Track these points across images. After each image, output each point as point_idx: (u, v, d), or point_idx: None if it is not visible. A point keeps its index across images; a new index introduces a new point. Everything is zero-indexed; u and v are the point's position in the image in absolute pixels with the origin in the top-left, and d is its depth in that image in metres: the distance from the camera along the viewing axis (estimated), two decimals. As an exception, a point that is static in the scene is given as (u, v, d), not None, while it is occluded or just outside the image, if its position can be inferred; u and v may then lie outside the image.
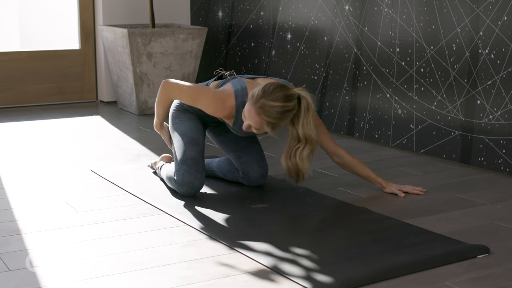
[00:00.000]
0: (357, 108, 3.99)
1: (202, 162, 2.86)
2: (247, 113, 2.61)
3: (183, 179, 2.83)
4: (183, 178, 2.83)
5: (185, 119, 2.94)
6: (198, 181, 2.84)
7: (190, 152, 2.85)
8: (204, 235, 2.45)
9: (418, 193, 2.94)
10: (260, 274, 2.10)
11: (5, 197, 2.88)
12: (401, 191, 2.93)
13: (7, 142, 3.91)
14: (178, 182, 2.85)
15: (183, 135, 2.89)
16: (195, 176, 2.83)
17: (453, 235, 2.43)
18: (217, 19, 5.11)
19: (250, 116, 2.60)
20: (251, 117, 2.60)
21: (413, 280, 2.07)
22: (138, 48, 4.58)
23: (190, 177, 2.82)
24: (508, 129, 3.20)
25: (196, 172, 2.83)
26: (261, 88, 2.59)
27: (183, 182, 2.83)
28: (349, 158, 2.94)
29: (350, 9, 3.97)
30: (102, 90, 5.23)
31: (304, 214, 2.72)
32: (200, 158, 2.86)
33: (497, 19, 3.19)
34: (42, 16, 5.74)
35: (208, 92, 2.76)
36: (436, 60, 3.50)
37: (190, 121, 2.94)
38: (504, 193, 2.96)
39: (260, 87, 2.61)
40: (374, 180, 2.97)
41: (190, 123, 2.93)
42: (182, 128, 2.91)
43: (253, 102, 2.58)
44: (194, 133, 2.90)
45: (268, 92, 2.57)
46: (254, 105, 2.57)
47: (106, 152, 3.69)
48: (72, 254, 2.25)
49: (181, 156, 2.85)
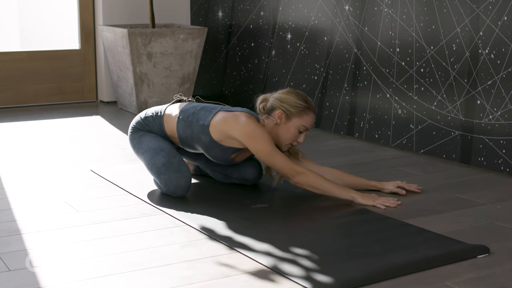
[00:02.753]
0: (357, 108, 3.99)
1: (175, 161, 2.84)
2: (312, 119, 2.86)
3: (169, 187, 2.83)
4: (168, 186, 2.83)
5: (139, 137, 2.94)
6: (183, 179, 2.82)
7: (159, 160, 2.84)
8: (204, 235, 2.45)
9: (414, 190, 2.93)
10: (260, 274, 2.10)
11: (5, 197, 2.88)
12: (399, 188, 2.92)
13: (7, 142, 3.91)
14: (167, 192, 2.85)
15: (145, 152, 2.89)
16: (176, 178, 2.81)
17: (453, 235, 2.43)
18: (217, 19, 5.11)
19: (311, 121, 2.88)
20: (311, 121, 2.88)
21: (413, 280, 2.07)
22: (138, 48, 4.58)
23: (173, 182, 2.82)
24: (508, 129, 3.20)
25: (175, 173, 2.82)
26: (297, 96, 2.86)
27: (171, 190, 2.83)
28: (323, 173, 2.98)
29: (350, 9, 3.97)
30: (102, 90, 5.23)
31: (304, 214, 2.72)
32: (170, 159, 2.84)
33: (497, 19, 3.19)
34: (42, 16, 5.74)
35: (260, 132, 2.81)
36: (436, 60, 3.50)
37: (144, 136, 2.93)
38: (504, 193, 2.96)
39: (292, 98, 2.85)
40: (367, 185, 2.96)
41: (145, 138, 2.93)
42: (141, 146, 2.92)
43: (311, 108, 2.86)
44: (154, 144, 2.89)
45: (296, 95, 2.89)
46: (313, 111, 2.86)
47: (106, 152, 3.69)
48: (72, 254, 2.25)
49: (154, 169, 2.85)
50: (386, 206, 2.75)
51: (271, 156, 2.77)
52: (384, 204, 2.75)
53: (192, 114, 2.86)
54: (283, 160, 2.78)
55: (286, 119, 2.84)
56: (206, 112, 2.85)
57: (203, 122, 2.83)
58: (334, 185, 2.80)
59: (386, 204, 2.75)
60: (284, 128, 2.85)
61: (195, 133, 2.85)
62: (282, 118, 2.84)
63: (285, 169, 2.79)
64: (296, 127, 2.84)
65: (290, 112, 2.83)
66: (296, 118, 2.84)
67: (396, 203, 2.77)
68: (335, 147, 3.81)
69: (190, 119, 2.86)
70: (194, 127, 2.85)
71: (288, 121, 2.84)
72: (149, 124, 2.94)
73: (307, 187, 2.81)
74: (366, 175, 3.14)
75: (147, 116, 2.96)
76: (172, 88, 4.77)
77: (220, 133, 2.81)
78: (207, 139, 2.83)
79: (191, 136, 2.87)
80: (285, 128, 2.85)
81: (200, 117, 2.85)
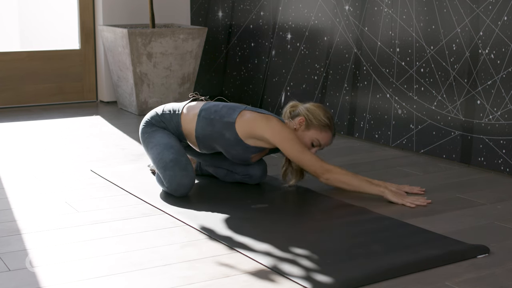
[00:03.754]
0: (357, 108, 3.99)
1: (183, 160, 2.85)
2: (328, 138, 2.94)
3: (172, 184, 2.83)
4: (171, 183, 2.83)
5: (152, 131, 2.95)
6: (187, 178, 2.83)
7: (167, 156, 2.85)
8: (204, 235, 2.45)
9: (418, 192, 2.93)
10: (260, 274, 2.10)
11: (5, 197, 2.88)
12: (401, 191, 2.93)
13: (7, 142, 3.91)
14: (169, 189, 2.85)
15: (155, 146, 2.90)
16: (181, 176, 2.82)
17: (453, 235, 2.43)
18: (217, 19, 5.11)
19: (327, 139, 2.95)
20: (327, 140, 2.96)
21: (413, 280, 2.07)
22: (138, 48, 4.58)
23: (177, 179, 2.82)
24: (508, 129, 3.20)
25: (181, 171, 2.82)
26: (324, 112, 2.93)
27: (173, 187, 2.84)
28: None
29: (350, 9, 3.97)
30: (102, 90, 5.23)
31: (304, 214, 2.72)
32: (179, 156, 2.85)
33: (497, 19, 3.19)
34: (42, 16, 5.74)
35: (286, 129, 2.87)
36: (436, 60, 3.50)
37: (157, 132, 2.95)
38: (504, 193, 2.96)
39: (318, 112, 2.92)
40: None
41: (158, 133, 2.94)
42: (152, 140, 2.93)
43: (331, 128, 2.93)
44: (165, 140, 2.91)
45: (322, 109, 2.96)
46: (332, 132, 2.94)
47: (106, 152, 3.69)
48: (72, 254, 2.25)
49: (160, 164, 2.86)
50: (417, 204, 2.76)
51: (302, 154, 2.84)
52: (415, 203, 2.76)
53: (215, 112, 2.90)
54: (313, 158, 2.85)
55: (305, 127, 2.91)
56: (230, 110, 2.89)
57: (228, 119, 2.86)
58: (363, 181, 2.86)
59: (416, 203, 2.76)
60: (300, 135, 2.91)
61: (216, 130, 2.87)
62: (302, 125, 2.92)
63: (314, 166, 2.86)
64: (311, 138, 2.91)
65: (311, 122, 2.90)
66: (314, 130, 2.91)
67: (426, 202, 2.78)
68: (335, 147, 3.81)
69: (212, 116, 2.88)
70: (217, 124, 2.87)
71: (307, 130, 2.91)
72: (166, 121, 2.95)
73: (337, 183, 2.87)
74: (366, 175, 3.14)
75: (164, 113, 2.97)
76: (172, 88, 4.77)
77: (247, 132, 2.85)
78: (232, 135, 2.86)
79: (210, 134, 2.88)
80: (301, 135, 2.91)
81: (223, 114, 2.88)
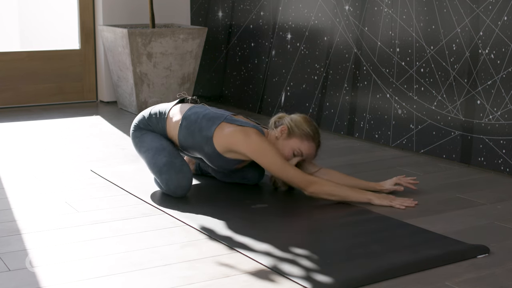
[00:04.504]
0: (357, 108, 3.99)
1: (177, 161, 2.84)
2: (310, 149, 2.86)
3: (169, 187, 2.83)
4: (169, 186, 2.83)
5: (142, 135, 2.95)
6: (184, 179, 2.82)
7: (160, 160, 2.84)
8: (204, 235, 2.45)
9: (410, 186, 2.91)
10: (260, 274, 2.10)
11: (5, 197, 2.88)
12: (397, 185, 2.92)
13: (7, 142, 3.91)
14: (168, 191, 2.85)
15: (147, 150, 2.89)
16: (177, 178, 2.81)
17: (453, 235, 2.43)
18: (217, 19, 5.11)
19: (309, 150, 2.87)
20: (309, 150, 2.87)
21: (413, 280, 2.07)
22: (138, 48, 4.58)
23: (173, 181, 2.81)
24: (508, 129, 3.20)
25: (176, 173, 2.81)
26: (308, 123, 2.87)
27: (171, 190, 2.83)
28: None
29: (350, 9, 3.97)
30: (102, 90, 5.23)
31: (304, 214, 2.72)
32: (172, 159, 2.84)
33: (497, 19, 3.19)
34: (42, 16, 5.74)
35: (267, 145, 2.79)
36: (436, 60, 3.50)
37: (147, 135, 2.94)
38: (504, 193, 2.96)
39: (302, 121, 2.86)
40: (366, 186, 2.93)
41: (148, 137, 2.93)
42: (143, 145, 2.92)
43: (314, 139, 2.86)
44: (156, 143, 2.89)
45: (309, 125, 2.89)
46: (315, 143, 2.87)
47: (106, 152, 3.69)
48: (72, 254, 2.25)
49: (155, 168, 2.85)
50: (406, 206, 2.74)
51: (283, 168, 2.76)
52: (403, 204, 2.75)
53: (195, 122, 2.84)
54: (295, 172, 2.77)
55: (287, 136, 2.84)
56: (209, 122, 2.82)
57: (206, 133, 2.81)
58: (349, 190, 2.78)
59: (405, 204, 2.75)
60: (281, 144, 2.85)
61: (197, 142, 2.84)
62: (284, 134, 2.84)
63: (298, 180, 2.77)
64: (292, 147, 2.83)
65: (292, 131, 2.83)
66: (295, 139, 2.83)
67: (413, 203, 2.76)
68: (335, 147, 3.81)
69: (192, 128, 2.84)
70: (196, 136, 2.83)
71: (288, 139, 2.84)
72: (152, 124, 2.94)
73: (324, 195, 2.78)
74: (366, 175, 3.14)
75: (151, 117, 2.96)
76: (172, 88, 4.77)
77: (225, 147, 2.80)
78: (210, 150, 2.82)
79: (192, 145, 2.86)
80: (282, 144, 2.85)
81: (202, 126, 2.82)
